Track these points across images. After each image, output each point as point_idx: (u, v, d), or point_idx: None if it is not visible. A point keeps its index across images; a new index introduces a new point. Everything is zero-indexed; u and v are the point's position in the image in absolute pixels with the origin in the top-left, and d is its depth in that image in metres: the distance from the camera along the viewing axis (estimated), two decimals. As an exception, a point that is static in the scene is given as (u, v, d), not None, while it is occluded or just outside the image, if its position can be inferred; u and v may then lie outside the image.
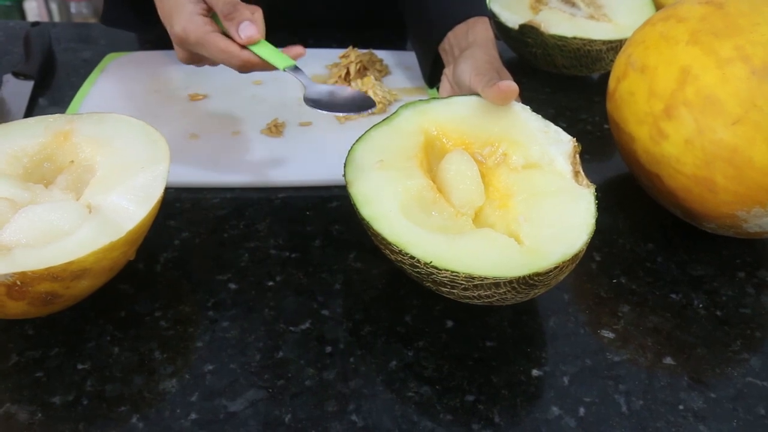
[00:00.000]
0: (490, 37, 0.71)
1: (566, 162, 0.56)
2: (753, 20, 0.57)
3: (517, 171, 0.57)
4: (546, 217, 0.53)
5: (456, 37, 0.73)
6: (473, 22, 0.72)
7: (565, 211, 0.53)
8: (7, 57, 0.91)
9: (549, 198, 0.54)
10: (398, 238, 0.51)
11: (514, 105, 0.60)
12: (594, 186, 0.54)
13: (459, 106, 0.62)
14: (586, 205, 0.53)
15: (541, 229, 0.52)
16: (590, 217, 0.52)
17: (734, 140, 0.55)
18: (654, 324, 0.58)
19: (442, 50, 0.75)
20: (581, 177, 0.55)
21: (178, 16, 0.64)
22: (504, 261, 0.49)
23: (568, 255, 0.49)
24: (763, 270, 0.64)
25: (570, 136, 0.57)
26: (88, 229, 0.50)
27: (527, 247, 0.51)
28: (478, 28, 0.71)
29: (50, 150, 0.59)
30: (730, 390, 0.53)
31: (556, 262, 0.48)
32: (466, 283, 0.49)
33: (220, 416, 0.49)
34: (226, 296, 0.58)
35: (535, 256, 0.49)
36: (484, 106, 0.61)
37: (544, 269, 0.48)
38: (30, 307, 0.49)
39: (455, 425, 0.49)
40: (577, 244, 0.50)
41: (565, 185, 0.55)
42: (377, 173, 0.56)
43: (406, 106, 0.62)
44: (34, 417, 0.48)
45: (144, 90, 0.82)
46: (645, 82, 0.61)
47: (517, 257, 0.50)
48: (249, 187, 0.70)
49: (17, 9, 2.46)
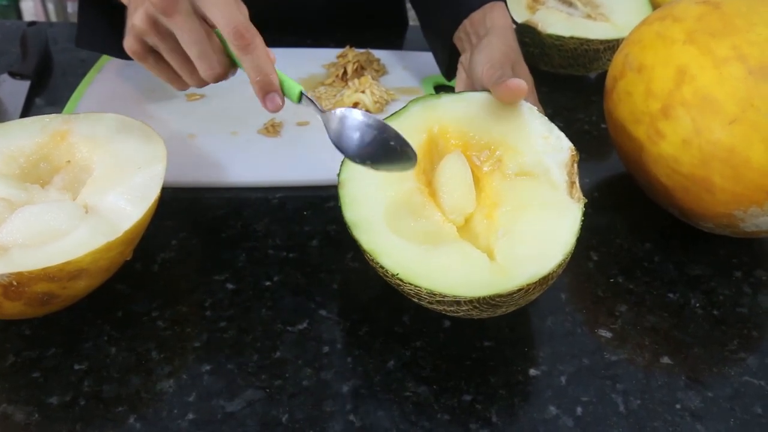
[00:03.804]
0: (508, 24, 0.68)
1: (561, 172, 0.54)
2: (750, 20, 0.57)
3: (509, 178, 0.55)
4: (525, 234, 0.51)
5: (473, 25, 0.70)
6: (490, 8, 0.69)
7: (546, 227, 0.51)
8: (3, 57, 0.91)
9: (533, 212, 0.52)
10: (373, 246, 0.51)
11: (522, 105, 0.57)
12: (585, 200, 0.52)
13: (467, 103, 0.59)
14: (570, 222, 0.50)
15: (516, 246, 0.50)
16: (571, 236, 0.50)
17: (731, 140, 0.56)
18: (651, 323, 0.58)
19: (458, 39, 0.72)
20: (575, 189, 0.53)
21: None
22: (467, 279, 0.48)
23: (536, 277, 0.47)
24: (760, 270, 0.64)
25: (570, 144, 0.55)
26: (85, 229, 0.50)
27: (497, 264, 0.50)
28: (496, 14, 0.68)
29: (47, 150, 0.58)
30: (727, 389, 0.53)
31: (521, 284, 0.47)
32: (429, 298, 0.49)
33: (217, 416, 0.49)
34: (223, 296, 0.58)
35: (502, 275, 0.48)
36: (491, 104, 0.58)
37: (506, 291, 0.47)
38: (27, 307, 0.49)
39: (453, 425, 0.49)
40: (547, 267, 0.48)
41: (553, 198, 0.53)
42: (370, 174, 0.55)
43: (416, 101, 0.60)
44: (31, 417, 0.48)
45: (141, 90, 0.82)
46: (642, 82, 0.61)
47: (483, 276, 0.49)
48: (246, 187, 0.70)
49: (14, 8, 2.45)
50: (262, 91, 0.55)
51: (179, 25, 0.54)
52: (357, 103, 0.80)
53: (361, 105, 0.80)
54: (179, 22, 0.54)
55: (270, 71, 0.55)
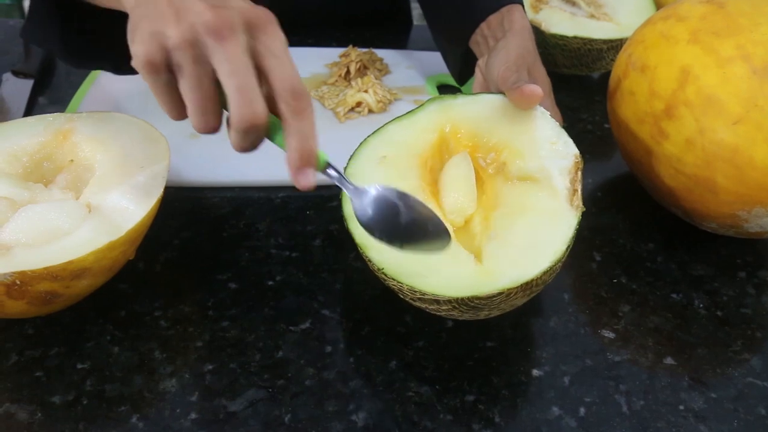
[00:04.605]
0: (526, 26, 0.67)
1: (564, 178, 0.53)
2: (754, 19, 0.57)
3: (511, 182, 0.55)
4: (515, 238, 0.50)
5: (490, 28, 0.69)
6: (507, 10, 0.69)
7: (538, 233, 0.50)
8: (6, 56, 0.91)
9: (528, 217, 0.52)
10: (364, 239, 0.51)
11: (535, 110, 0.57)
12: (583, 209, 0.51)
13: (481, 105, 0.59)
14: (563, 230, 0.50)
15: (504, 249, 0.50)
16: (562, 244, 0.49)
17: (735, 140, 0.55)
18: (654, 324, 0.58)
19: (474, 43, 0.72)
20: (576, 197, 0.52)
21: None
22: (449, 279, 0.48)
23: (517, 283, 0.47)
24: (763, 270, 0.64)
25: (576, 151, 0.54)
26: (88, 228, 0.50)
27: (482, 267, 0.49)
28: (515, 16, 0.68)
29: (50, 149, 0.59)
30: (731, 390, 0.53)
31: (501, 288, 0.47)
32: (411, 295, 0.49)
33: (219, 416, 0.49)
34: (226, 296, 0.58)
35: (484, 278, 0.48)
36: (503, 107, 0.58)
37: (485, 294, 0.47)
38: (30, 306, 0.49)
39: (455, 425, 0.49)
40: (530, 273, 0.47)
41: (550, 205, 0.52)
42: (376, 170, 0.55)
43: (432, 100, 0.60)
44: (34, 416, 0.48)
45: (144, 89, 0.81)
46: (645, 82, 0.61)
47: (465, 277, 0.48)
48: (249, 187, 0.70)
49: (17, 7, 2.45)
50: (300, 161, 0.45)
51: (228, 53, 0.43)
52: (360, 102, 0.80)
53: (364, 104, 0.80)
54: (229, 50, 0.43)
55: (314, 143, 0.45)
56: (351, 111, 0.80)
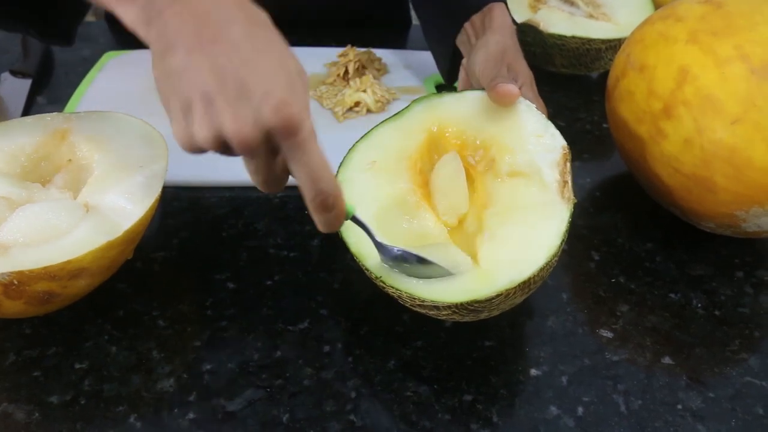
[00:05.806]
0: (506, 22, 0.67)
1: (553, 171, 0.52)
2: (752, 20, 0.57)
3: (501, 179, 0.54)
4: (509, 237, 0.50)
5: (474, 27, 0.70)
6: (488, 9, 0.69)
7: (531, 230, 0.50)
8: (5, 55, 0.91)
9: (520, 213, 0.51)
10: (358, 249, 0.51)
11: (519, 104, 0.57)
12: (575, 200, 0.51)
13: (467, 102, 0.58)
14: (556, 224, 0.50)
15: (499, 250, 0.50)
16: (556, 238, 0.49)
17: (733, 140, 0.55)
18: (653, 323, 0.58)
19: (461, 43, 0.72)
20: (567, 188, 0.52)
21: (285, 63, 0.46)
22: (447, 285, 0.48)
23: (515, 283, 0.47)
24: (761, 270, 0.64)
25: (563, 142, 0.53)
26: (86, 228, 0.50)
27: (479, 270, 0.49)
28: (494, 14, 0.68)
29: (48, 149, 0.58)
30: (729, 390, 0.53)
31: (499, 290, 0.47)
32: (411, 302, 0.49)
33: (218, 416, 0.49)
34: (224, 295, 0.58)
35: (482, 281, 0.48)
36: (488, 103, 0.57)
37: (484, 297, 0.47)
38: (27, 306, 0.49)
39: (454, 425, 0.49)
40: (527, 272, 0.47)
41: (541, 199, 0.52)
42: (366, 175, 0.55)
43: (418, 101, 0.60)
44: (32, 416, 0.48)
45: (142, 88, 0.82)
46: (644, 82, 0.61)
47: (463, 281, 0.48)
48: (248, 186, 0.70)
49: (15, 7, 2.45)
50: (326, 230, 0.46)
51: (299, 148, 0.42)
52: (358, 102, 0.80)
53: (362, 104, 0.80)
54: (300, 143, 0.42)
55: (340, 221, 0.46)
56: (349, 111, 0.80)
